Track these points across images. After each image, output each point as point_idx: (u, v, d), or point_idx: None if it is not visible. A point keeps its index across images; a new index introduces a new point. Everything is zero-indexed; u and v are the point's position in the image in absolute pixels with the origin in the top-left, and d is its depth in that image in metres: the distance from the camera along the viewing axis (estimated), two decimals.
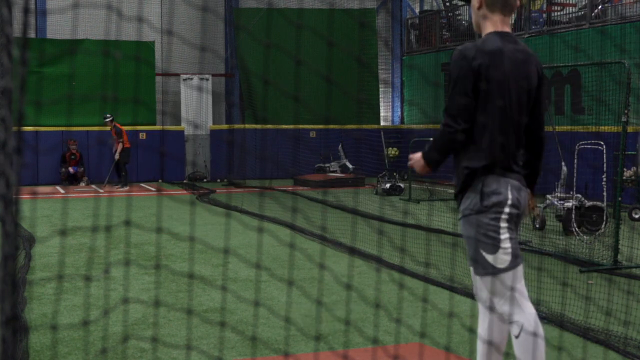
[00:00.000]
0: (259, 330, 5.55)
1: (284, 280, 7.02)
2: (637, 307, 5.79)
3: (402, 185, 16.09)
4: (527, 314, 3.52)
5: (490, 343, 3.67)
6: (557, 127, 12.41)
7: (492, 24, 3.68)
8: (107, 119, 17.08)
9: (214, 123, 21.28)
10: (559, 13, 16.61)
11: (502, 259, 3.51)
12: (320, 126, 20.63)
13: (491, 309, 3.66)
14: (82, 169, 18.24)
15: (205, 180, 19.69)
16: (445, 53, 19.66)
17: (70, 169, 18.09)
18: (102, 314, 5.91)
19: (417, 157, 3.71)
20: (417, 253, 8.24)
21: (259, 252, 8.94)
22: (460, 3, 19.77)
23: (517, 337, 3.52)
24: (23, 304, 6.12)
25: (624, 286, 6.80)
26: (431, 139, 3.75)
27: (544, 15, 16.59)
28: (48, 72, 18.35)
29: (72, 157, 18.20)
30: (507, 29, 3.70)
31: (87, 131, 18.49)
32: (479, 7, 3.69)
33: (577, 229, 9.66)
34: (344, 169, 19.58)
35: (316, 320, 5.82)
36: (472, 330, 5.06)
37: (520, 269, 3.58)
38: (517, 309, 3.52)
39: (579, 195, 10.22)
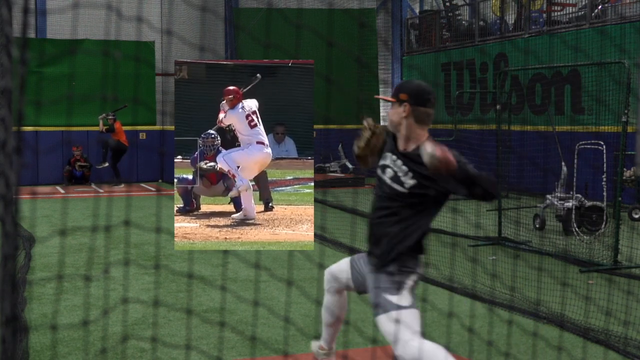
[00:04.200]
0: (259, 330, 5.54)
1: (283, 280, 7.02)
2: (637, 307, 5.78)
3: None
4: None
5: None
6: (557, 127, 12.41)
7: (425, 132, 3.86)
8: (111, 118, 16.98)
9: None
10: (558, 13, 16.59)
11: None
12: (320, 126, 20.62)
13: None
14: (88, 172, 18.14)
15: None
16: (445, 53, 19.66)
17: (76, 172, 18.06)
18: (102, 314, 5.91)
19: (451, 158, 3.56)
20: None
21: (259, 252, 8.93)
22: (460, 3, 19.77)
23: None
24: (23, 304, 6.12)
25: (624, 286, 6.80)
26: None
27: (544, 15, 16.59)
28: (48, 72, 18.32)
29: (77, 162, 18.16)
30: None
31: (87, 131, 18.47)
32: (407, 117, 3.83)
33: (577, 229, 9.66)
34: (344, 169, 19.57)
35: (316, 320, 5.82)
36: (472, 330, 5.06)
37: None
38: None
39: (579, 195, 10.21)
